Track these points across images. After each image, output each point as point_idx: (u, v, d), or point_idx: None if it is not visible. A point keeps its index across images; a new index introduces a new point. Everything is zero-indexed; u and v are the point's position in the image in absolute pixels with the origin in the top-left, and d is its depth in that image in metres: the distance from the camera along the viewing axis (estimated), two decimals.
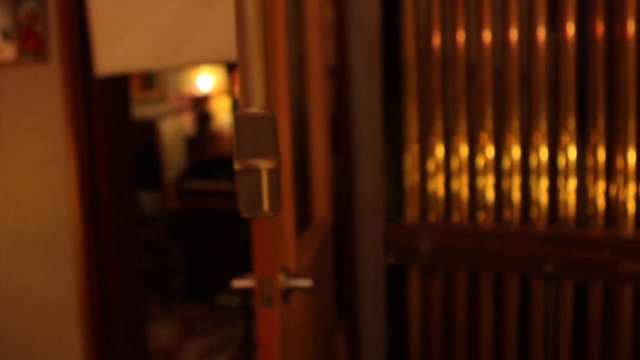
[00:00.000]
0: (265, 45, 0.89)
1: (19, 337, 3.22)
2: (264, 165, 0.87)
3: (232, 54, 2.59)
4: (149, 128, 6.28)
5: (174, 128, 6.79)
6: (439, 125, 2.39)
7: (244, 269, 2.13)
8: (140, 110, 6.33)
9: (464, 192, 2.39)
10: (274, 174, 0.88)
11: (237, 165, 0.88)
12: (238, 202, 0.90)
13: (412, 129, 2.42)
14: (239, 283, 1.79)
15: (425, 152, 2.43)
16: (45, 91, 3.00)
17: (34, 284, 3.15)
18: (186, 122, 6.94)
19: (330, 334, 2.63)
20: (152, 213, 6.21)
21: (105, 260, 3.12)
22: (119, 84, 3.19)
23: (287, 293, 1.76)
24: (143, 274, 5.13)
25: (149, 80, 6.68)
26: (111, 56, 2.79)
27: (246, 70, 0.88)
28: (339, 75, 2.91)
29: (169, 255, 5.97)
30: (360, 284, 2.98)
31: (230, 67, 6.66)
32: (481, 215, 2.37)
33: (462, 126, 2.36)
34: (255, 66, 0.88)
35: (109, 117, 3.11)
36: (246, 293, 2.38)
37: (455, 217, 2.41)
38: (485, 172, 2.35)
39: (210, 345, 4.85)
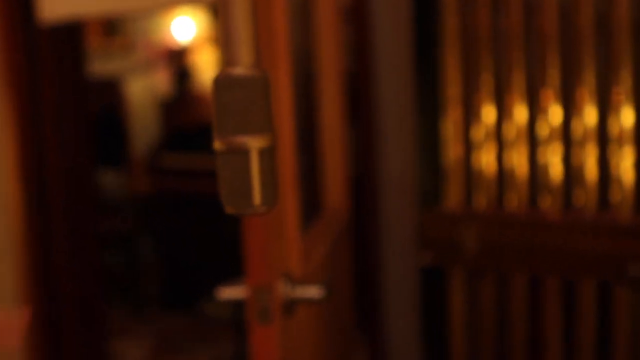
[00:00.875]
0: None
1: None
2: (254, 143, 0.86)
3: None
4: (112, 88, 6.27)
5: (144, 88, 6.77)
6: (487, 81, 2.38)
7: (237, 270, 2.12)
8: (101, 66, 6.31)
9: (522, 169, 2.38)
10: (268, 154, 0.87)
11: (217, 144, 0.87)
12: (220, 192, 0.89)
13: (453, 87, 2.42)
14: (227, 293, 1.79)
15: (470, 116, 2.42)
16: None
17: None
18: (159, 81, 6.93)
19: (348, 355, 2.63)
20: (117, 198, 6.21)
21: (53, 260, 3.12)
22: (71, 34, 3.19)
23: (290, 305, 1.75)
24: (105, 277, 5.14)
25: (111, 25, 6.66)
26: None
27: (228, 15, 0.85)
28: (357, 18, 2.89)
29: (139, 253, 5.98)
30: (387, 291, 2.98)
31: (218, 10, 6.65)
32: (545, 200, 2.36)
33: (519, 82, 2.35)
34: (239, 9, 0.86)
35: (58, 76, 3.11)
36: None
37: (511, 203, 2.40)
38: (549, 142, 2.34)
39: None
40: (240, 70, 0.85)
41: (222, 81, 0.85)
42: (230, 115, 0.85)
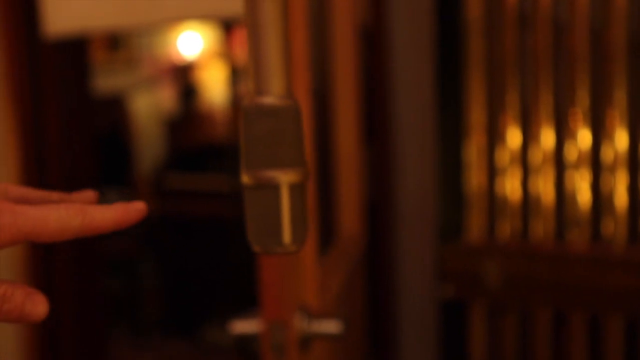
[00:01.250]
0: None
1: None
2: (285, 178, 0.82)
3: (230, 8, 2.56)
4: (117, 105, 6.27)
5: (149, 105, 6.78)
6: (513, 103, 2.37)
7: (242, 295, 2.08)
8: (104, 81, 6.31)
9: (549, 197, 2.35)
10: (299, 190, 0.83)
11: (245, 178, 0.83)
12: (247, 230, 0.85)
13: (476, 109, 2.40)
14: (240, 327, 1.76)
15: (494, 140, 2.40)
16: None
17: None
18: (164, 98, 6.94)
19: None
20: None
21: (53, 283, 3.10)
22: (76, 48, 3.18)
23: (306, 341, 1.72)
24: (106, 301, 5.12)
25: (115, 39, 6.66)
26: (64, 11, 2.77)
27: (259, 39, 0.82)
28: (375, 37, 2.87)
29: (141, 276, 5.97)
30: (402, 325, 2.95)
31: (228, 25, 6.64)
32: (572, 232, 2.33)
33: (546, 104, 2.33)
34: (272, 32, 0.83)
35: (62, 92, 3.10)
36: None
37: (536, 234, 2.37)
38: (577, 167, 2.32)
39: None
40: (270, 99, 0.81)
41: (251, 111, 0.81)
42: (260, 147, 0.82)
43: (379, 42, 2.86)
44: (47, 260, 3.08)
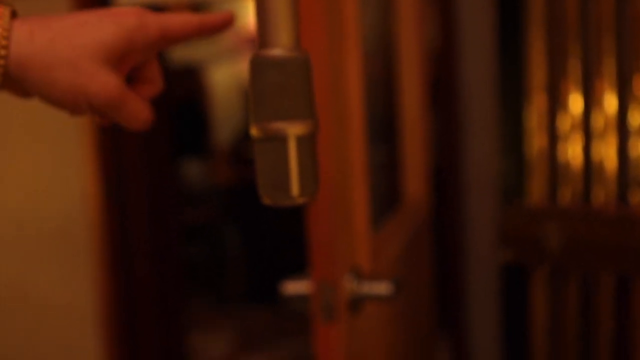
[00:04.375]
0: None
1: (23, 351, 3.28)
2: (293, 130, 0.82)
3: None
4: (194, 76, 6.31)
5: (229, 76, 6.81)
6: (575, 67, 2.33)
7: None
8: (184, 52, 6.36)
9: (611, 162, 2.31)
10: (308, 142, 0.83)
11: (254, 131, 0.84)
12: (257, 181, 0.86)
13: (538, 74, 2.37)
14: (292, 288, 1.76)
15: (556, 105, 2.37)
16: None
17: (39, 285, 3.19)
18: (245, 69, 6.94)
19: (429, 353, 2.60)
20: (201, 188, 6.26)
21: (133, 252, 3.14)
22: None
23: (357, 302, 1.72)
24: (189, 268, 5.18)
25: (196, 9, 6.68)
26: None
27: None
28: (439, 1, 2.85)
29: (224, 245, 6.01)
30: (468, 289, 2.94)
31: None
32: (635, 195, 2.29)
33: (609, 68, 2.28)
34: None
35: None
36: None
37: (599, 198, 2.33)
38: None
39: None
40: (277, 51, 0.81)
41: (257, 63, 0.81)
42: (267, 99, 0.82)
43: (444, 5, 2.83)
44: (124, 230, 3.12)
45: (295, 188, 0.83)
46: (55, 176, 3.12)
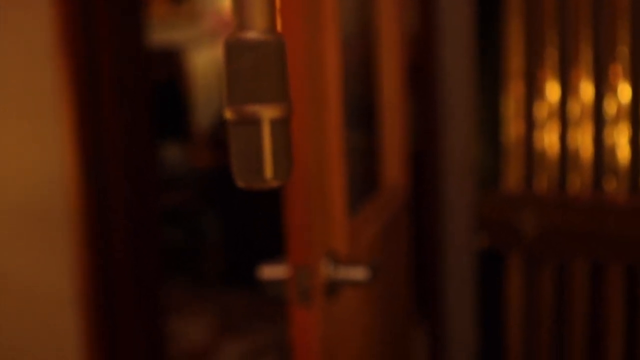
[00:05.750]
0: None
1: (1, 332, 3.27)
2: (266, 113, 0.82)
3: None
4: (173, 59, 6.29)
5: (209, 60, 6.79)
6: (552, 55, 2.33)
7: None
8: (165, 35, 6.34)
9: (587, 150, 2.32)
10: (281, 125, 0.83)
11: (228, 114, 0.83)
12: (231, 164, 0.86)
13: (515, 61, 2.37)
14: (268, 272, 1.77)
15: (533, 92, 2.37)
16: (31, 8, 3.00)
17: (18, 266, 3.18)
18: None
19: (404, 340, 2.60)
20: (179, 172, 6.25)
21: (111, 234, 3.13)
22: (130, 1, 3.18)
23: (333, 287, 1.72)
24: (167, 252, 5.17)
25: None
26: None
27: None
28: None
29: (202, 228, 6.01)
30: (445, 273, 2.95)
31: None
32: (610, 183, 2.30)
33: (586, 56, 2.29)
34: None
35: (116, 42, 3.10)
36: None
37: (574, 185, 2.34)
38: (617, 121, 2.27)
39: (255, 348, 4.88)
40: (252, 34, 0.81)
41: (232, 46, 0.81)
42: (241, 82, 0.82)
43: None
44: (102, 213, 3.11)
45: (268, 171, 0.83)
46: (34, 158, 3.11)
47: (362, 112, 2.32)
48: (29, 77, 3.06)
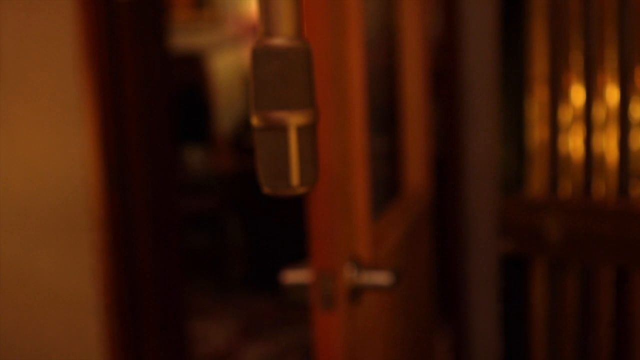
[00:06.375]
0: None
1: (22, 337, 3.28)
2: (293, 119, 0.82)
3: None
4: (196, 63, 6.30)
5: (231, 64, 6.80)
6: (577, 59, 2.32)
7: None
8: (187, 40, 6.35)
9: (612, 154, 2.30)
10: (308, 132, 0.83)
11: (255, 120, 0.83)
12: (257, 170, 0.86)
13: (540, 65, 2.36)
14: (292, 277, 1.77)
15: (558, 96, 2.35)
16: (55, 14, 3.01)
17: (40, 269, 3.19)
18: (247, 57, 6.93)
19: (427, 345, 2.59)
20: (202, 176, 6.25)
21: (134, 239, 3.14)
22: (153, 6, 3.19)
23: (356, 292, 1.72)
24: (190, 257, 5.17)
25: (196, 3, 6.67)
26: None
27: None
28: None
29: (225, 232, 6.01)
30: (468, 278, 2.94)
31: None
32: (636, 188, 2.28)
33: (611, 60, 2.27)
34: None
35: (140, 50, 3.11)
36: None
37: (599, 190, 2.33)
38: None
39: (277, 352, 4.88)
40: (279, 40, 0.81)
41: (259, 52, 0.81)
42: (268, 89, 0.82)
43: None
44: (124, 217, 3.11)
45: (295, 178, 0.83)
46: (58, 164, 3.12)
47: (386, 116, 2.32)
48: (53, 84, 3.07)
